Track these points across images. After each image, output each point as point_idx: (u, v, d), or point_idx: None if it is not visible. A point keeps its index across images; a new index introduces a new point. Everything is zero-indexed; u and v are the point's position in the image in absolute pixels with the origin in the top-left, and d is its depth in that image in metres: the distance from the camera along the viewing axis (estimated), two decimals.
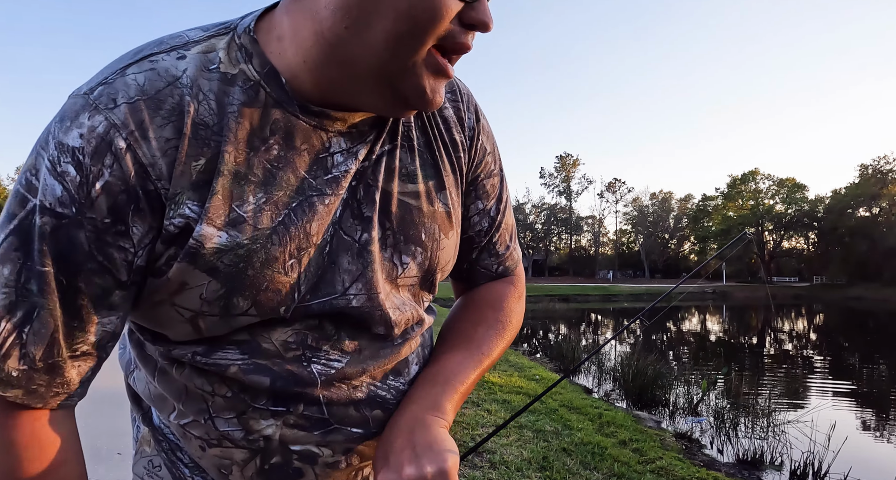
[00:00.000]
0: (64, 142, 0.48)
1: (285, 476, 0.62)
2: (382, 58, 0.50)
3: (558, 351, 9.67)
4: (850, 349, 15.33)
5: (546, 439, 3.97)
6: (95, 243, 0.49)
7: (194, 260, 0.52)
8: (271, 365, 0.58)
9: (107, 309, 0.52)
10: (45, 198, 0.48)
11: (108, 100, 0.49)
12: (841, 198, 62.74)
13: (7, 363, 0.50)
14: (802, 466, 4.47)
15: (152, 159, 0.49)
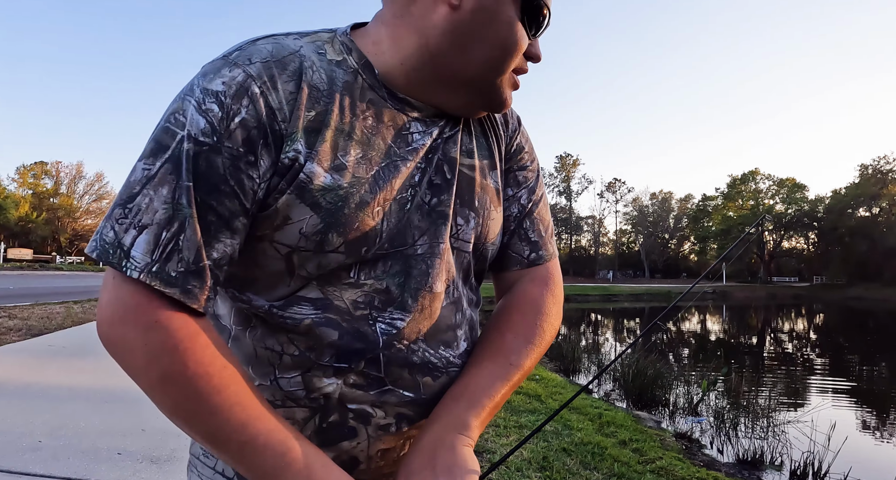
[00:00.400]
0: (208, 87, 0.59)
1: (341, 434, 0.67)
2: (478, 73, 0.67)
3: (558, 351, 9.67)
4: (850, 349, 15.33)
5: (546, 439, 3.97)
6: (230, 169, 0.58)
7: (302, 194, 0.61)
8: (341, 320, 0.65)
9: (230, 232, 0.60)
10: (191, 129, 0.57)
11: (245, 59, 0.61)
12: (841, 198, 62.74)
13: (168, 265, 0.56)
14: (802, 466, 4.47)
15: (279, 105, 0.60)
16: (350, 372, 0.66)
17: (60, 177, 67.93)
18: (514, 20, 0.65)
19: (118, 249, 0.56)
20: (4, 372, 4.56)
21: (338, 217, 0.62)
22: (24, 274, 28.43)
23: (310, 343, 0.65)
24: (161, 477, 2.59)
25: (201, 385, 0.56)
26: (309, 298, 0.65)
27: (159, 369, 0.56)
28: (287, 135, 0.60)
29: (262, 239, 0.63)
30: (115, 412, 3.57)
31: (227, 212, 0.59)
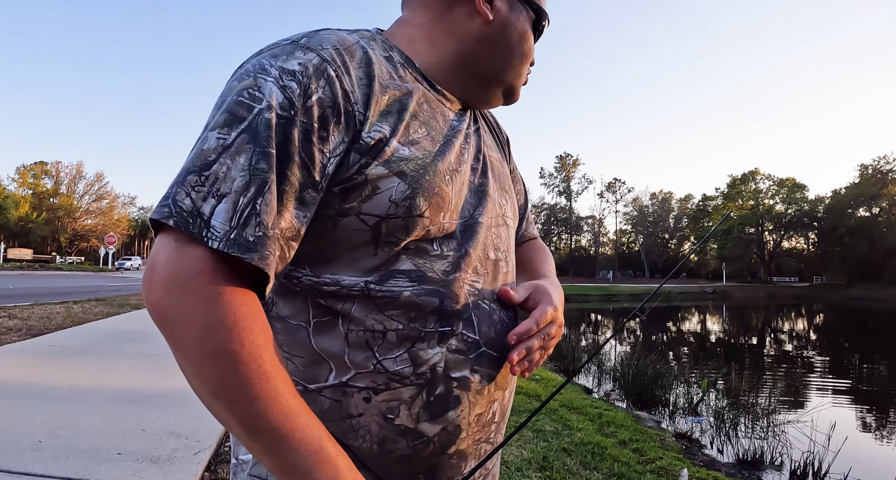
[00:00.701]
0: (286, 67, 0.62)
1: (446, 405, 0.69)
2: (502, 74, 0.81)
3: (558, 351, 9.67)
4: (849, 349, 15.33)
5: (546, 439, 3.97)
6: (303, 142, 0.60)
7: (388, 165, 0.65)
8: (437, 287, 0.69)
9: (300, 203, 0.61)
10: (271, 102, 0.60)
11: (317, 44, 0.65)
12: (841, 198, 62.71)
13: (246, 230, 0.56)
14: (802, 466, 4.47)
15: (352, 89, 0.64)
16: (452, 337, 0.69)
17: (60, 177, 67.92)
18: (528, 33, 0.81)
19: (198, 218, 0.55)
20: (4, 372, 4.56)
21: (421, 183, 0.67)
22: (24, 274, 28.43)
23: (412, 314, 0.67)
24: (161, 477, 2.59)
25: (253, 367, 0.54)
26: (403, 270, 0.68)
27: (214, 344, 0.53)
28: (366, 119, 0.65)
29: (348, 213, 0.65)
30: (115, 412, 3.57)
31: (299, 183, 0.60)
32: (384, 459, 0.68)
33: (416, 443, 0.68)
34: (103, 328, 7.55)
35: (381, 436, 0.68)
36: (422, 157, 0.68)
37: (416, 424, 0.68)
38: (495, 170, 0.83)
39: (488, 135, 0.88)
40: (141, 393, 4.03)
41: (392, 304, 0.67)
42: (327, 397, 0.68)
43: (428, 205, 0.67)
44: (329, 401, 0.68)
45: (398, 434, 0.68)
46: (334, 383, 0.67)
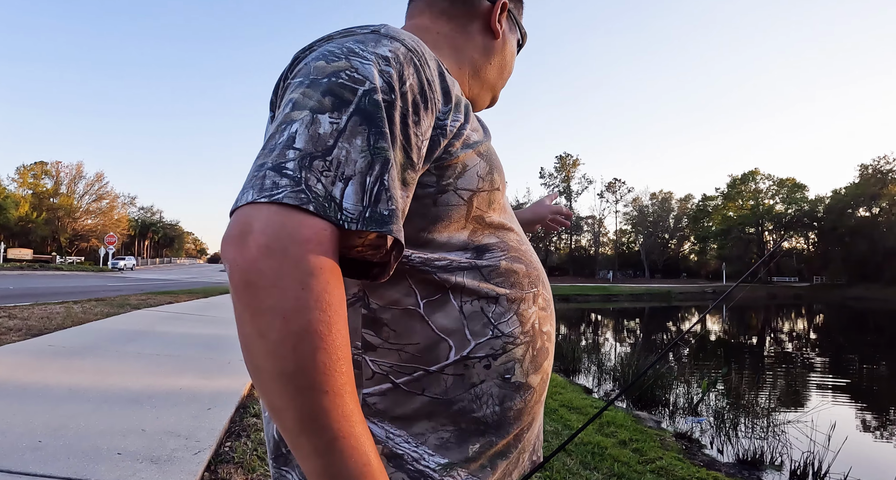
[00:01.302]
0: (378, 52, 0.63)
1: (543, 357, 0.78)
2: (497, 82, 0.94)
3: (558, 351, 9.67)
4: (850, 349, 15.33)
5: (546, 439, 3.97)
6: (401, 125, 0.62)
7: (469, 146, 0.72)
8: (520, 255, 0.78)
9: (402, 183, 0.61)
10: (375, 84, 0.60)
11: (397, 34, 0.67)
12: (841, 198, 62.70)
13: (379, 206, 0.56)
14: (802, 466, 4.47)
15: (432, 78, 0.68)
16: (539, 296, 0.79)
17: (60, 177, 67.88)
18: (514, 51, 0.96)
19: (331, 202, 0.53)
20: (4, 372, 4.56)
21: (493, 161, 0.76)
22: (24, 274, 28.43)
23: (511, 279, 0.75)
24: (161, 477, 2.59)
25: (334, 357, 0.51)
26: (493, 243, 0.75)
27: (304, 322, 0.49)
28: (443, 105, 0.69)
29: (446, 189, 0.70)
30: (115, 412, 3.57)
31: (401, 163, 0.61)
32: (504, 420, 0.73)
33: (526, 395, 0.75)
34: (103, 328, 7.55)
35: (502, 396, 0.72)
36: (485, 141, 0.78)
37: (527, 378, 0.75)
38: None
39: None
40: (141, 393, 4.02)
41: (496, 273, 0.74)
42: (450, 374, 0.68)
43: (501, 180, 0.78)
44: (452, 378, 0.68)
45: (514, 391, 0.73)
46: (456, 359, 0.69)
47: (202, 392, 4.10)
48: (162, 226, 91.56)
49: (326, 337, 0.50)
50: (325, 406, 0.50)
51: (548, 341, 0.80)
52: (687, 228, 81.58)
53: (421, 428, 0.67)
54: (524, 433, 0.78)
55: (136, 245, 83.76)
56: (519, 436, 0.76)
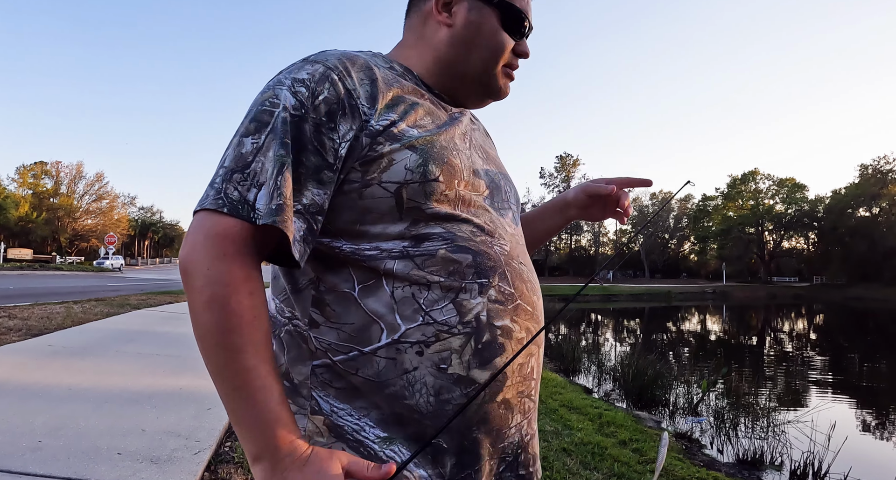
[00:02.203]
0: (297, 77, 0.75)
1: (493, 352, 0.75)
2: (476, 70, 0.89)
3: (558, 351, 9.67)
4: (850, 349, 15.33)
5: (546, 439, 3.97)
6: (314, 133, 0.72)
7: (400, 141, 0.75)
8: (469, 245, 0.77)
9: (317, 183, 0.72)
10: (286, 105, 0.72)
11: (322, 57, 0.77)
12: (841, 198, 62.68)
13: (272, 200, 0.68)
14: (802, 466, 4.47)
15: (354, 86, 0.76)
16: (490, 288, 0.77)
17: (60, 177, 67.87)
18: (498, 29, 0.88)
19: (245, 205, 0.68)
20: (4, 372, 4.56)
21: (431, 152, 0.77)
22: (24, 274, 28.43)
23: (450, 268, 0.75)
24: (161, 477, 2.59)
25: (232, 321, 0.65)
26: (435, 233, 0.76)
27: (210, 294, 0.65)
28: (370, 109, 0.76)
29: (370, 183, 0.75)
30: (115, 412, 3.57)
31: (314, 166, 0.72)
32: (442, 412, 0.72)
33: (469, 391, 0.73)
34: (103, 328, 7.55)
35: (437, 387, 0.72)
36: (429, 135, 0.79)
37: (468, 371, 0.73)
38: (496, 162, 0.93)
39: (484, 135, 0.99)
40: (141, 393, 4.02)
41: (430, 261, 0.75)
42: (382, 357, 0.73)
43: (440, 171, 0.77)
44: (384, 361, 0.73)
45: (452, 383, 0.73)
46: (387, 342, 0.73)
47: (202, 392, 4.10)
48: (162, 226, 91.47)
49: (226, 307, 0.65)
50: (226, 362, 0.65)
51: (503, 337, 0.77)
52: (687, 228, 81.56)
53: (363, 403, 0.74)
54: (480, 435, 0.75)
55: (136, 245, 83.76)
56: (473, 439, 0.75)
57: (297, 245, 0.69)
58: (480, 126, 1.02)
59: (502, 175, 0.92)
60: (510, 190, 0.92)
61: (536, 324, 0.82)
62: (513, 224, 0.89)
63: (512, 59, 0.91)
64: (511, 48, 0.89)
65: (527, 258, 0.88)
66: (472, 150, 0.87)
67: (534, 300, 0.83)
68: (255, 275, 0.69)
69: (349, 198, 0.75)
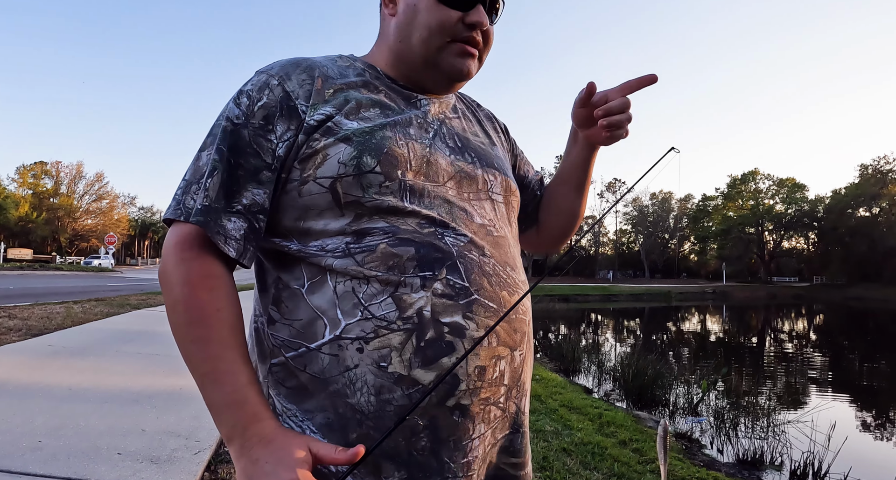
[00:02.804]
0: (243, 89, 0.79)
1: (440, 351, 0.71)
2: (423, 51, 0.84)
3: (558, 351, 9.67)
4: (850, 349, 15.33)
5: (546, 439, 3.97)
6: (252, 137, 0.76)
7: (335, 135, 0.76)
8: (412, 238, 0.74)
9: (256, 183, 0.75)
10: (228, 115, 0.78)
11: (268, 68, 0.81)
12: (841, 198, 62.68)
13: (197, 199, 0.74)
14: (802, 466, 4.47)
15: (293, 88, 0.78)
16: (435, 281, 0.72)
17: (60, 177, 67.86)
18: (433, 4, 0.82)
19: (186, 209, 0.74)
20: (4, 372, 4.56)
21: (367, 144, 0.75)
22: (24, 274, 28.41)
23: (390, 262, 0.73)
24: (161, 477, 2.59)
25: (195, 315, 0.71)
26: (377, 227, 0.74)
27: (176, 294, 0.72)
28: (308, 108, 0.77)
29: (307, 180, 0.76)
30: (115, 412, 3.57)
31: (252, 168, 0.75)
32: (383, 413, 0.70)
33: (411, 392, 0.70)
34: (103, 328, 7.55)
35: (378, 386, 0.70)
36: (369, 126, 0.78)
37: (409, 371, 0.70)
38: (478, 151, 0.90)
39: (472, 123, 0.96)
40: (141, 393, 4.02)
41: (370, 256, 0.73)
42: (326, 353, 0.72)
43: (377, 162, 0.75)
44: (328, 357, 0.72)
45: (393, 382, 0.70)
46: (330, 338, 0.72)
47: None
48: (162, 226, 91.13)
49: (188, 303, 0.71)
50: (191, 352, 0.71)
51: (452, 335, 0.71)
52: (687, 228, 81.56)
53: (310, 406, 0.74)
54: (431, 445, 0.71)
55: (136, 245, 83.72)
56: (423, 448, 0.71)
57: (231, 243, 0.73)
58: (476, 113, 0.99)
59: (484, 163, 0.88)
60: (494, 178, 0.88)
61: (501, 325, 0.76)
62: (489, 213, 0.84)
63: (463, 32, 0.83)
64: (458, 21, 0.82)
65: (501, 250, 0.81)
66: (435, 139, 0.83)
67: (500, 295, 0.77)
68: (215, 272, 0.74)
69: (291, 196, 0.77)
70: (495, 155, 0.93)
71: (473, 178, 0.85)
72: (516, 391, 0.79)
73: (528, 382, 0.83)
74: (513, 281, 0.81)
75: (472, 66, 0.86)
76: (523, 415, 0.83)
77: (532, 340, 0.86)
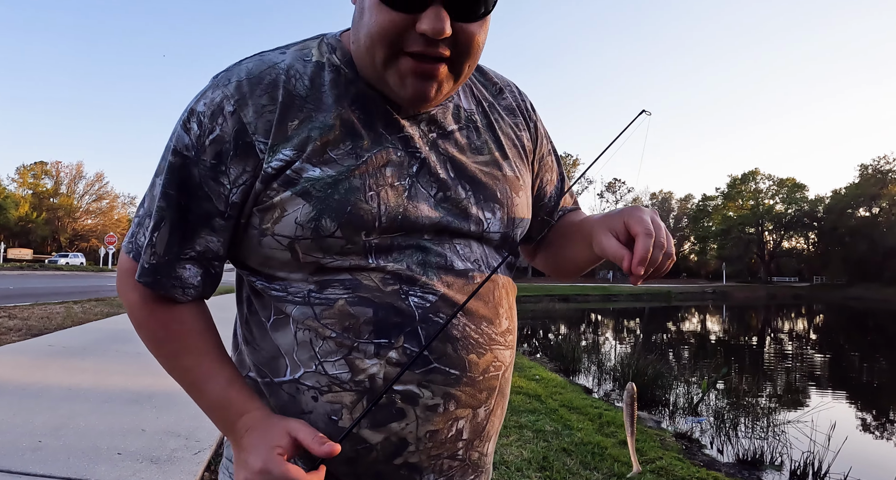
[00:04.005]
0: (194, 108, 0.68)
1: (389, 416, 0.68)
2: (369, 64, 0.68)
3: (558, 351, 9.67)
4: (850, 349, 15.33)
5: (546, 439, 3.97)
6: (203, 177, 0.67)
7: (293, 188, 0.66)
8: (372, 297, 0.68)
9: (209, 230, 0.69)
10: (177, 145, 0.68)
11: (226, 79, 0.69)
12: (841, 198, 62.70)
13: (143, 257, 0.70)
14: (802, 466, 4.47)
15: (250, 119, 0.67)
16: (391, 349, 0.67)
17: (60, 177, 67.88)
18: (376, 3, 0.63)
19: (138, 248, 0.72)
20: (4, 372, 4.56)
21: (328, 203, 0.66)
22: (24, 274, 28.41)
23: (346, 323, 0.68)
24: (161, 477, 2.59)
25: (159, 334, 0.72)
26: (338, 280, 0.69)
27: (135, 318, 0.73)
28: (267, 148, 0.67)
29: (265, 233, 0.69)
30: (115, 412, 3.57)
31: (204, 213, 0.69)
32: (332, 463, 0.69)
33: (359, 448, 0.69)
34: (103, 328, 7.55)
35: (328, 435, 0.69)
36: (335, 175, 0.67)
37: (358, 429, 0.69)
38: (476, 180, 0.75)
39: (479, 133, 0.79)
40: (141, 393, 4.03)
41: (328, 312, 0.68)
42: (285, 391, 0.72)
43: (337, 226, 0.66)
44: (287, 395, 0.72)
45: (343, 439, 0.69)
46: (290, 379, 0.71)
47: None
48: None
49: (149, 326, 0.72)
50: (169, 367, 0.73)
51: (405, 403, 0.67)
52: (687, 228, 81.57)
53: None
54: None
55: None
56: None
57: (189, 291, 0.72)
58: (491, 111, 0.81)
59: (481, 196, 0.75)
60: (492, 215, 0.75)
61: (464, 389, 0.70)
62: (476, 252, 0.74)
63: (413, 44, 0.63)
64: (405, 27, 0.62)
65: (482, 300, 0.72)
66: (419, 176, 0.71)
67: (467, 359, 0.70)
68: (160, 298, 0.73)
69: (251, 243, 0.71)
70: (503, 177, 0.78)
71: (465, 219, 0.73)
72: (479, 441, 0.75)
73: (494, 428, 0.78)
74: (486, 339, 0.72)
75: (429, 89, 0.66)
76: (486, 457, 0.79)
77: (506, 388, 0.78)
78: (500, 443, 3.75)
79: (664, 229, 0.68)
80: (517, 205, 0.79)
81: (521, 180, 0.81)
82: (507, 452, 3.58)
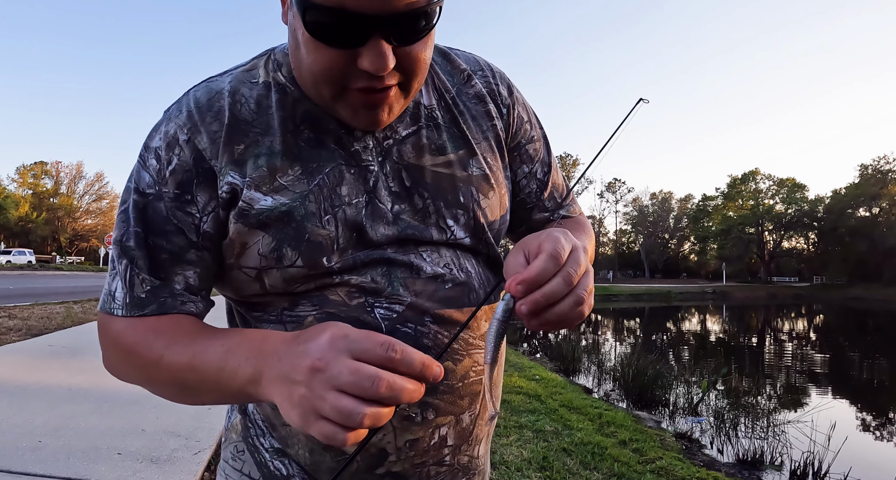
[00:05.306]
0: (150, 145, 0.67)
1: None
2: (315, 96, 0.67)
3: (558, 351, 9.67)
4: (850, 349, 15.33)
5: (546, 439, 3.98)
6: (171, 210, 0.66)
7: (247, 220, 0.65)
8: (338, 312, 0.68)
9: (185, 263, 0.67)
10: (138, 184, 0.67)
11: (177, 110, 0.68)
12: (841, 198, 62.69)
13: (135, 291, 0.66)
14: (802, 466, 4.47)
15: (205, 145, 0.66)
16: None
17: (60, 177, 67.96)
18: (310, 40, 0.58)
19: (111, 297, 0.68)
20: (4, 372, 4.56)
21: (286, 232, 0.65)
22: (24, 274, 28.42)
23: None
24: (161, 477, 2.59)
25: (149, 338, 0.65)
26: (308, 295, 0.69)
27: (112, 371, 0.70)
28: (218, 170, 0.66)
29: (232, 267, 0.69)
30: (115, 412, 3.57)
31: (177, 248, 0.66)
32: (316, 467, 0.71)
33: (339, 459, 0.70)
34: None
35: (310, 447, 0.71)
36: (289, 203, 0.65)
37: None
38: (436, 187, 0.72)
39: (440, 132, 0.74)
40: (141, 393, 4.01)
41: (299, 329, 0.68)
42: (269, 406, 0.73)
43: (298, 254, 0.65)
44: (270, 409, 0.73)
45: (322, 449, 0.70)
46: None
47: None
48: None
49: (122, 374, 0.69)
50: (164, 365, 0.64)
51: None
52: (687, 228, 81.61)
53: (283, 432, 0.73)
54: None
55: None
56: None
57: (198, 302, 0.69)
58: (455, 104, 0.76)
59: (443, 203, 0.72)
60: (455, 222, 0.72)
61: (442, 397, 0.69)
62: (446, 256, 0.72)
63: (358, 80, 0.60)
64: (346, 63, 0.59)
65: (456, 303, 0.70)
66: (376, 189, 0.69)
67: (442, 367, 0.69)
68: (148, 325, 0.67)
69: (226, 273, 0.70)
70: (467, 178, 0.74)
71: (425, 229, 0.70)
72: (466, 445, 0.75)
73: (484, 431, 0.77)
74: (462, 344, 0.71)
75: (381, 115, 0.64)
76: (478, 459, 0.78)
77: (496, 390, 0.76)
78: (500, 443, 3.75)
79: (583, 267, 0.58)
80: (486, 207, 0.74)
81: (493, 179, 0.76)
82: (507, 452, 3.58)
